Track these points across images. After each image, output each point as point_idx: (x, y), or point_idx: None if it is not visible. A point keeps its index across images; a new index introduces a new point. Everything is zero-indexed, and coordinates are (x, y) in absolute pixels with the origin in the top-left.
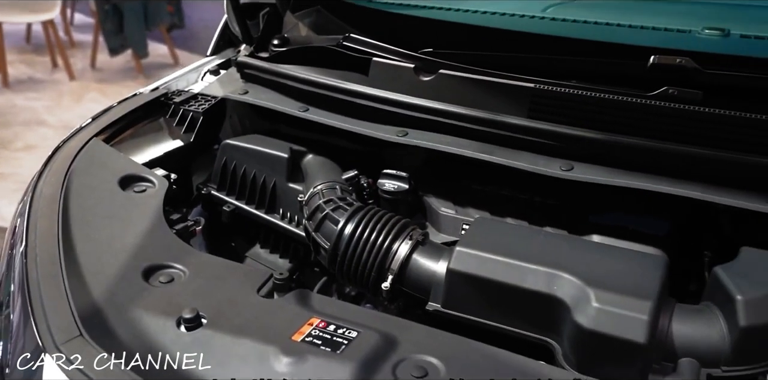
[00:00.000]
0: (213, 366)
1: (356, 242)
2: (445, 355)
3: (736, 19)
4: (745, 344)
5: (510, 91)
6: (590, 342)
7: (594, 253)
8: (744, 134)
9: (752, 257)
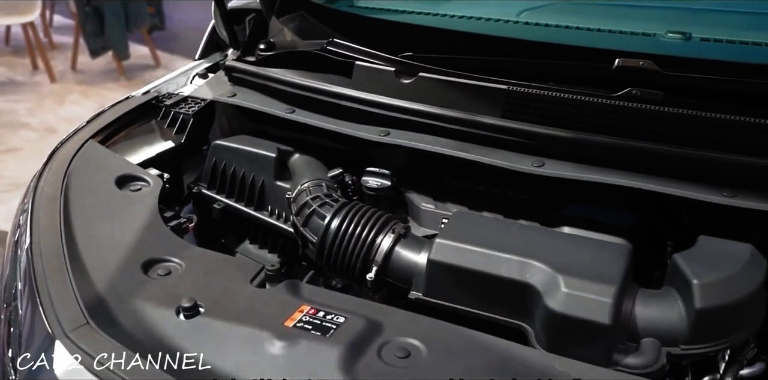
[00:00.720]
0: (212, 351)
1: (342, 235)
2: (426, 338)
3: (697, 23)
4: (701, 324)
5: (485, 93)
6: (560, 324)
7: (563, 243)
8: (701, 131)
9: (708, 245)
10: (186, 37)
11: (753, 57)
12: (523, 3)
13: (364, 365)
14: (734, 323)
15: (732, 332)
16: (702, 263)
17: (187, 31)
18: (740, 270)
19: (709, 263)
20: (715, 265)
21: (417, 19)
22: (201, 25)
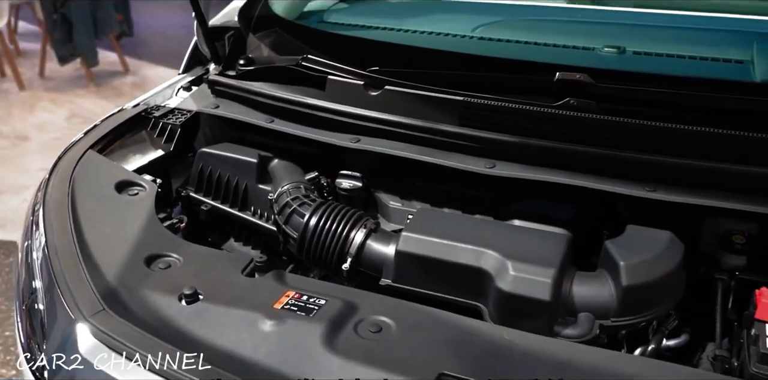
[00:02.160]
0: (212, 330)
1: (320, 231)
2: (395, 315)
3: (632, 37)
4: (627, 299)
5: (444, 104)
6: (509, 302)
7: (512, 233)
8: (626, 135)
9: (634, 232)
10: (153, 42)
11: (678, 69)
12: (478, 18)
13: (343, 339)
14: (656, 298)
15: (654, 306)
16: (628, 248)
17: (154, 36)
18: (660, 253)
19: (634, 248)
20: (639, 249)
21: (382, 35)
22: (167, 30)
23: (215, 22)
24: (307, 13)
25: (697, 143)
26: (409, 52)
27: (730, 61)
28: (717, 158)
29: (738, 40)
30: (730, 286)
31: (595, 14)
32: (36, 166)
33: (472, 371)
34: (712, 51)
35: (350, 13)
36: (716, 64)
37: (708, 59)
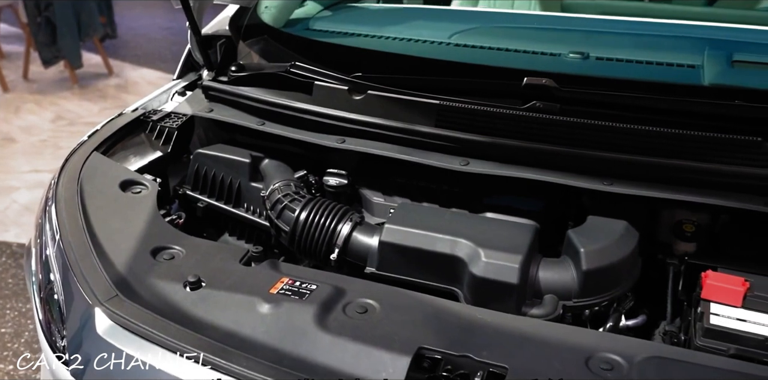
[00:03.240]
0: (214, 313)
1: (309, 225)
2: (379, 298)
3: (595, 43)
4: (587, 282)
5: (421, 107)
6: (481, 286)
7: (485, 224)
8: (586, 135)
9: (594, 222)
10: (136, 44)
11: (636, 74)
12: (455, 26)
13: (333, 319)
14: (613, 280)
15: (611, 287)
16: (588, 237)
17: (137, 38)
18: (616, 241)
19: (594, 236)
20: (598, 237)
21: (364, 42)
22: (150, 32)
23: (207, 31)
24: (293, 20)
25: (651, 142)
26: (390, 58)
27: (683, 66)
28: (668, 155)
29: (691, 46)
30: (681, 270)
31: (563, 21)
32: (24, 168)
33: (448, 345)
34: (668, 56)
35: (334, 21)
36: (670, 69)
37: (663, 64)
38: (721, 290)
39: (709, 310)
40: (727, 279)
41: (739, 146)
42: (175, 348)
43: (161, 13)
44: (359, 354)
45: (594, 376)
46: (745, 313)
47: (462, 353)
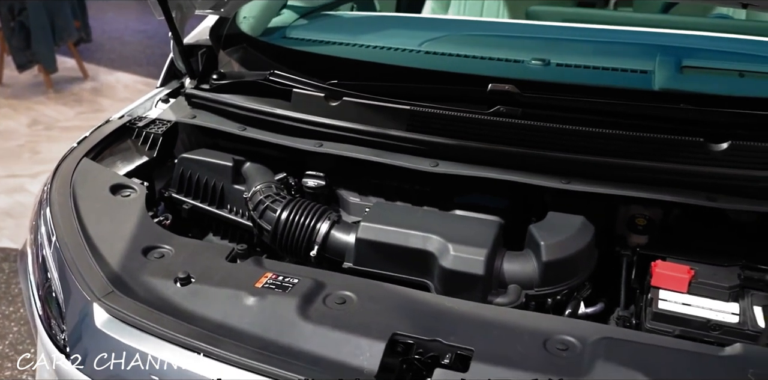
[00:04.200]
0: (204, 306)
1: (290, 224)
2: (356, 290)
3: (557, 50)
4: (547, 272)
5: (393, 112)
6: (450, 277)
7: (453, 221)
8: (545, 137)
9: (553, 217)
10: (111, 48)
11: (593, 79)
12: (425, 33)
13: (314, 309)
14: (571, 271)
15: (570, 277)
16: (548, 231)
17: (111, 42)
18: (573, 234)
19: (553, 231)
20: (557, 231)
21: (339, 50)
22: (124, 36)
23: (189, 41)
24: (270, 29)
25: (605, 143)
26: (364, 66)
27: (636, 71)
28: (621, 156)
29: (645, 53)
30: (633, 260)
31: (528, 29)
32: (1, 173)
33: (419, 331)
34: (623, 62)
35: (310, 29)
36: (625, 74)
37: (618, 70)
38: (668, 278)
39: (657, 296)
40: (674, 268)
41: (684, 146)
42: (170, 338)
43: (135, 17)
44: (339, 341)
45: (551, 356)
46: (690, 298)
47: (432, 337)
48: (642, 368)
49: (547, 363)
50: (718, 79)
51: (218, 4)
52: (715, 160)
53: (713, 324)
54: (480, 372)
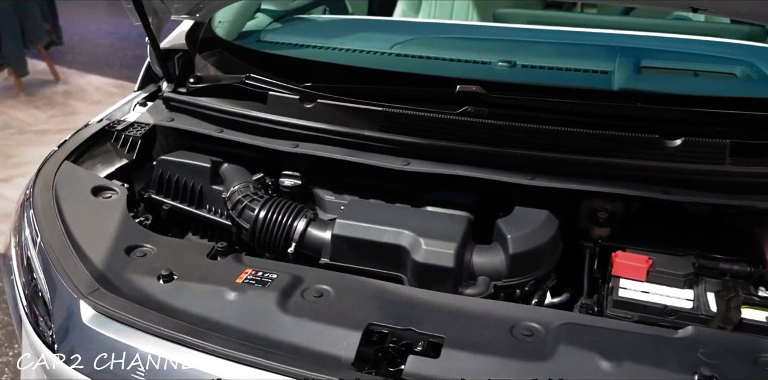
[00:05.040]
0: (187, 302)
1: (268, 222)
2: (333, 284)
3: (522, 52)
4: (514, 264)
5: (366, 113)
6: (422, 270)
7: (425, 217)
8: (510, 136)
9: (519, 212)
10: (82, 50)
11: (557, 80)
12: (395, 37)
13: (293, 302)
14: (536, 262)
15: (535, 268)
16: (514, 225)
17: (82, 44)
18: (538, 227)
19: (519, 224)
20: (523, 225)
21: (313, 54)
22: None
23: (165, 45)
24: (245, 32)
25: (567, 141)
26: (337, 69)
27: (597, 72)
28: (582, 152)
29: (606, 54)
30: (596, 251)
31: (495, 31)
32: None
33: (393, 320)
34: (585, 63)
35: (284, 33)
36: (587, 75)
37: (581, 71)
38: (628, 267)
39: (618, 285)
40: (633, 258)
41: (641, 143)
42: (155, 332)
43: (106, 19)
44: (317, 332)
45: (516, 341)
46: (648, 286)
47: (406, 327)
48: (600, 350)
49: (513, 348)
50: (674, 78)
51: (194, 9)
52: (670, 155)
53: (669, 310)
54: (450, 357)
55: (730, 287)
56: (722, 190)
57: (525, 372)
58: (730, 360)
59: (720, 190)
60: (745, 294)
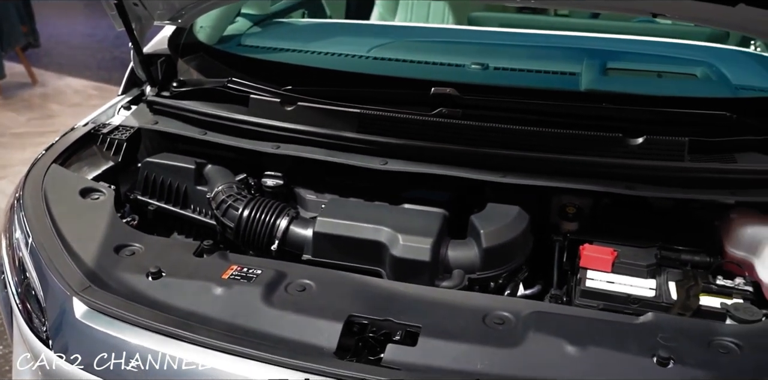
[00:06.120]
0: (175, 297)
1: (252, 220)
2: (315, 278)
3: (495, 55)
4: (487, 258)
5: (345, 115)
6: (400, 264)
7: (402, 214)
8: (482, 135)
9: (492, 208)
10: (59, 52)
11: (527, 81)
12: (372, 40)
13: (277, 296)
14: (508, 255)
15: (508, 261)
16: (487, 220)
17: (59, 46)
18: (509, 222)
19: (491, 220)
20: (495, 221)
21: (292, 57)
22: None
23: (148, 50)
24: (226, 37)
25: (536, 140)
26: (317, 72)
27: (566, 73)
28: (551, 151)
29: (574, 56)
30: (564, 245)
31: (469, 35)
32: None
33: (373, 312)
34: (554, 65)
35: (264, 37)
36: (555, 77)
37: (550, 73)
38: (594, 259)
39: (585, 276)
40: (599, 250)
41: (605, 141)
42: (146, 325)
43: (83, 21)
44: (300, 324)
45: (489, 329)
46: (613, 277)
47: (384, 317)
48: (566, 336)
49: (486, 336)
50: (638, 80)
51: (176, 15)
52: (633, 153)
53: (633, 298)
54: (427, 345)
55: (690, 276)
56: (683, 185)
57: (496, 358)
58: (686, 343)
59: (681, 185)
60: (704, 282)
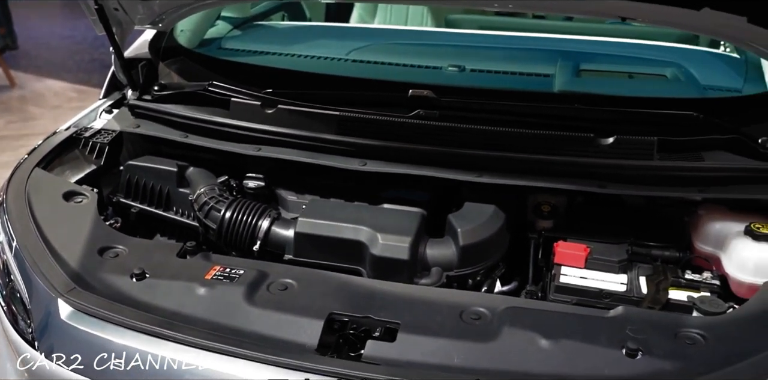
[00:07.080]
0: (159, 298)
1: (234, 222)
2: (297, 278)
3: (471, 57)
4: (464, 255)
5: (324, 118)
6: (379, 263)
7: (382, 214)
8: (458, 136)
9: (469, 207)
10: (37, 54)
11: (503, 83)
12: (351, 43)
13: (259, 296)
14: (485, 253)
15: (484, 259)
16: (464, 219)
17: (37, 48)
18: (486, 221)
19: (468, 219)
20: (472, 219)
21: (272, 61)
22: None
23: (129, 54)
24: (206, 40)
25: (511, 140)
26: (296, 75)
27: (540, 75)
28: (525, 151)
29: (548, 58)
30: (539, 242)
31: (447, 37)
32: None
33: (353, 309)
34: (529, 67)
35: (244, 40)
36: (530, 78)
37: (525, 74)
38: (568, 255)
39: (559, 272)
40: (573, 247)
41: (577, 141)
42: (131, 325)
43: (61, 22)
44: (282, 322)
45: (465, 325)
46: (586, 272)
47: (364, 315)
48: (540, 330)
49: (462, 331)
50: (610, 81)
51: (156, 20)
52: (604, 152)
53: (605, 293)
54: (406, 341)
55: (660, 271)
56: (652, 183)
57: (472, 352)
58: (654, 335)
59: (651, 183)
60: (674, 277)
